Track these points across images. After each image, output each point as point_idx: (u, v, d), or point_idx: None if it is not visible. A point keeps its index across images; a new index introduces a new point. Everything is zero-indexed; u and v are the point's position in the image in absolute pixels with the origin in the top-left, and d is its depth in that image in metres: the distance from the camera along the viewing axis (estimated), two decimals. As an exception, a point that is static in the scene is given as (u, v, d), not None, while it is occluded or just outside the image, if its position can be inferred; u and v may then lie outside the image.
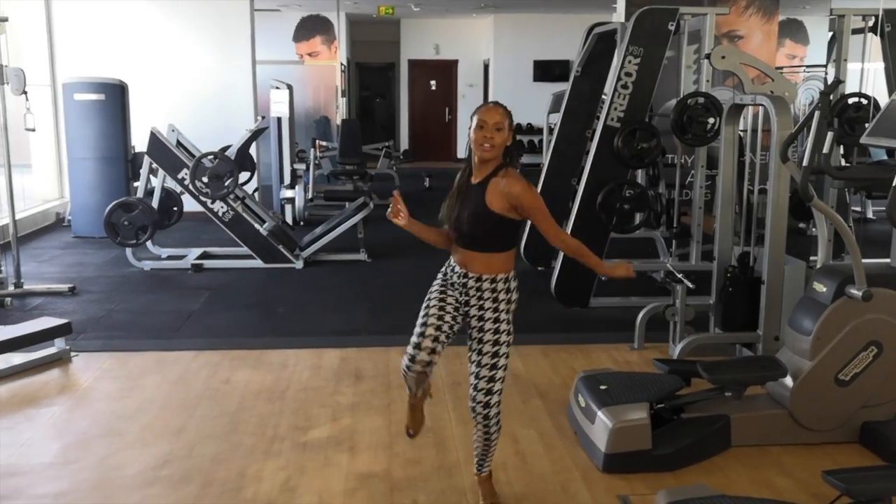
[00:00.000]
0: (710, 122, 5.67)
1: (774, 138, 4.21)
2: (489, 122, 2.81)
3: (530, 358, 4.86)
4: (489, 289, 2.90)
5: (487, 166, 2.86)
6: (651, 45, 5.67)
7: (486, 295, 2.90)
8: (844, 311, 3.58)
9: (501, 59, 15.74)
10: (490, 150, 2.82)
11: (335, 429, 3.87)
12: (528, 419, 4.00)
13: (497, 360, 2.92)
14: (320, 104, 13.75)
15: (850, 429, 3.69)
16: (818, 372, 3.61)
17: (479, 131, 2.82)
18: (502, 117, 2.83)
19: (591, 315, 5.85)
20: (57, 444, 3.72)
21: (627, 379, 3.80)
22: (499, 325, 2.91)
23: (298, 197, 9.30)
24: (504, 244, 2.91)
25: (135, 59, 9.64)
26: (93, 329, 5.42)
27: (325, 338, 5.26)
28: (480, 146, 2.82)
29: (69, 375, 4.61)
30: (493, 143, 2.80)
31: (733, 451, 3.63)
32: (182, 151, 7.31)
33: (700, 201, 6.02)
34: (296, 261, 7.30)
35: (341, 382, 4.47)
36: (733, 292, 4.65)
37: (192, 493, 3.26)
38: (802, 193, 3.46)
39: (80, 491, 3.28)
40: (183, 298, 6.25)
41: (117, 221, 6.99)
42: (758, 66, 4.86)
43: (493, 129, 2.81)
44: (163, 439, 3.75)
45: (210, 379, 4.51)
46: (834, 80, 4.72)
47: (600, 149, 5.78)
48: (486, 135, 2.81)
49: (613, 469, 3.43)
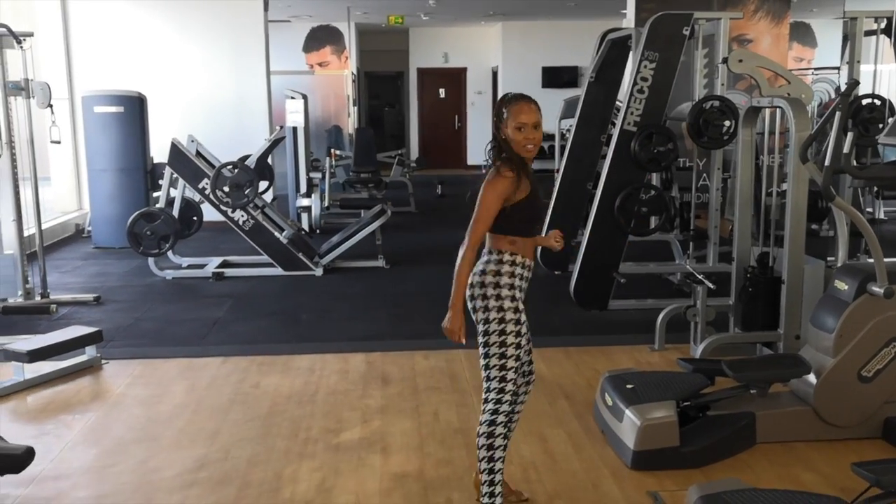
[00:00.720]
0: (726, 125, 5.73)
1: (793, 140, 4.28)
2: (529, 122, 2.77)
3: (553, 360, 4.93)
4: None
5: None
6: (666, 50, 5.74)
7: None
8: (866, 309, 3.64)
9: (510, 66, 15.84)
10: (535, 150, 2.80)
11: (366, 431, 3.95)
12: (556, 420, 4.07)
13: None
14: (331, 114, 13.87)
15: (874, 424, 3.75)
16: (841, 369, 3.67)
17: (520, 133, 2.77)
18: (538, 115, 2.80)
19: (610, 318, 5.92)
20: (95, 448, 3.80)
21: (653, 378, 3.87)
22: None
23: (315, 205, 9.40)
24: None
25: (151, 71, 9.77)
26: (121, 337, 5.51)
27: (349, 343, 5.33)
28: (524, 148, 2.78)
29: (101, 382, 4.70)
30: (536, 142, 2.78)
31: (759, 448, 3.69)
32: (202, 161, 7.41)
33: (716, 203, 6.09)
34: (315, 268, 7.39)
35: (369, 386, 4.55)
36: (753, 292, 4.72)
37: (231, 495, 3.33)
38: (825, 193, 3.53)
39: (122, 493, 3.36)
40: (207, 306, 6.34)
41: (140, 231, 7.10)
42: (774, 69, 4.94)
43: (532, 128, 2.78)
44: (198, 443, 3.83)
45: (240, 384, 4.60)
46: (852, 81, 4.79)
47: (617, 153, 5.86)
48: (529, 136, 2.77)
49: (642, 466, 3.49)
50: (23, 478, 3.37)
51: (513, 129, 2.78)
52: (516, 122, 2.77)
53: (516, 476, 3.44)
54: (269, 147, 7.83)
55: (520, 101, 2.81)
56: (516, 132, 2.78)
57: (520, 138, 2.78)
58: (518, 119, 2.77)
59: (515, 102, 2.81)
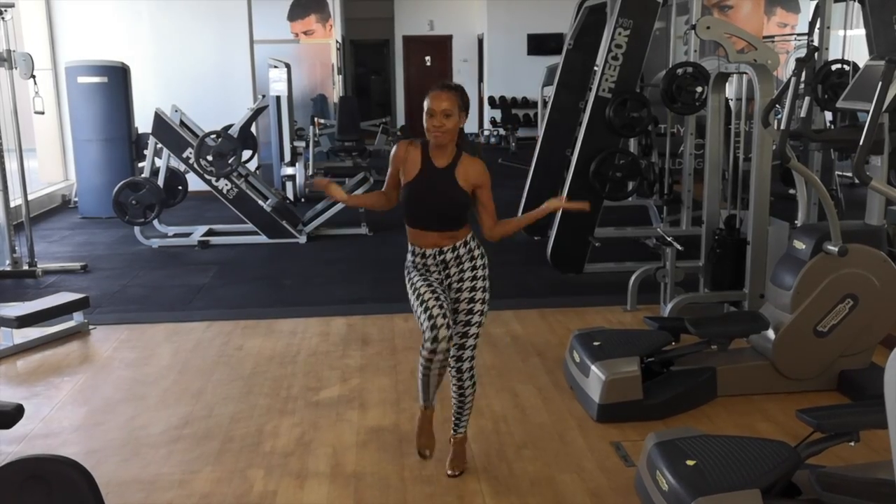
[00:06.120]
0: (699, 90, 5.86)
1: (757, 105, 4.41)
2: (437, 109, 2.90)
3: (528, 321, 5.09)
4: (465, 251, 3.06)
5: (446, 150, 2.99)
6: (640, 18, 5.83)
7: (464, 258, 3.06)
8: (822, 267, 3.80)
9: (495, 33, 15.83)
10: (442, 137, 2.93)
11: (345, 388, 4.11)
12: (527, 376, 4.24)
13: (471, 318, 3.08)
14: (317, 82, 13.88)
15: (829, 377, 3.94)
16: (798, 324, 3.84)
17: (430, 119, 2.92)
18: (450, 104, 2.91)
19: (586, 280, 6.08)
20: (84, 408, 3.96)
21: (619, 335, 4.04)
22: (476, 283, 3.08)
23: (299, 174, 9.49)
24: (467, 217, 3.07)
25: (134, 41, 9.78)
26: (108, 303, 5.64)
27: (331, 307, 5.48)
28: (432, 134, 2.94)
29: (89, 347, 4.84)
30: (443, 129, 2.91)
31: (720, 401, 3.87)
32: (186, 131, 7.49)
33: (690, 168, 6.22)
34: (299, 236, 7.51)
35: (349, 347, 4.71)
36: (721, 254, 4.87)
37: (215, 448, 3.49)
38: (780, 155, 3.67)
39: (110, 448, 3.52)
40: (192, 273, 6.47)
41: (125, 201, 7.20)
42: (742, 35, 5.05)
43: (442, 116, 2.91)
44: (183, 402, 3.99)
45: (224, 346, 4.75)
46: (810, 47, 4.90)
47: (592, 119, 5.98)
48: (436, 123, 2.91)
49: (607, 418, 3.67)
50: (14, 436, 3.54)
51: (425, 115, 2.95)
52: (427, 107, 2.94)
53: (487, 428, 3.62)
54: (251, 116, 7.90)
55: (437, 89, 2.96)
56: (427, 118, 2.94)
57: (428, 124, 2.94)
58: (428, 105, 2.93)
59: (433, 90, 2.96)
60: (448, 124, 2.92)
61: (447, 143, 2.98)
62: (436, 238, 3.05)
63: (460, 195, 3.00)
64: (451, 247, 3.05)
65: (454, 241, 3.05)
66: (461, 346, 3.09)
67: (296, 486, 3.17)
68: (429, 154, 3.02)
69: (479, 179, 3.01)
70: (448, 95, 2.93)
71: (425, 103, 2.94)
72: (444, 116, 2.91)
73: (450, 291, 3.09)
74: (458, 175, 2.99)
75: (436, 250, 3.06)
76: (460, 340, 3.08)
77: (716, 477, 2.64)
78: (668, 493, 2.69)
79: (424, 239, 3.07)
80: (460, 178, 2.99)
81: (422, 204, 3.03)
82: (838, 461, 3.08)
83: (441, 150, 3.00)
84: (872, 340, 3.92)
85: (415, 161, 3.02)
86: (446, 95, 2.92)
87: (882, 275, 3.80)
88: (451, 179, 2.99)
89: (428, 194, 3.01)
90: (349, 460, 3.36)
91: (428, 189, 3.01)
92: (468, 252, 3.07)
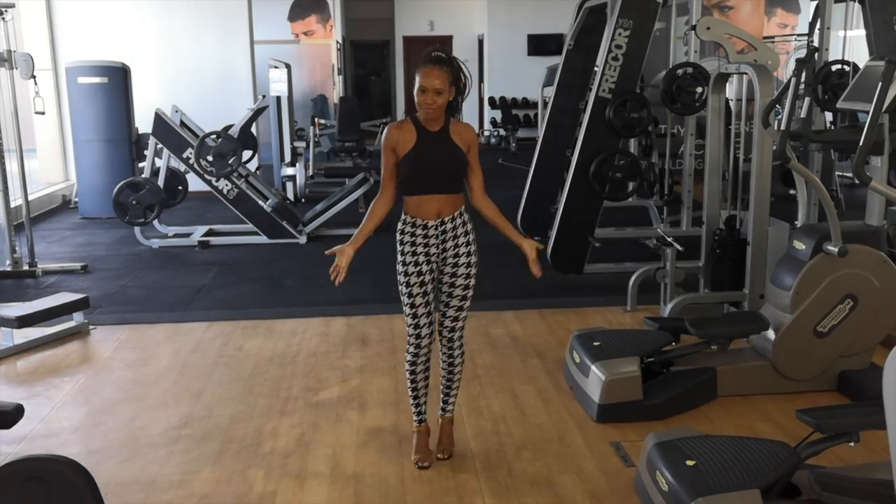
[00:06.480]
0: (699, 91, 5.86)
1: (757, 106, 4.41)
2: (429, 87, 2.98)
3: (528, 321, 5.09)
4: (461, 224, 3.17)
5: (438, 119, 3.08)
6: (640, 18, 5.83)
7: (459, 231, 3.16)
8: (822, 267, 3.79)
9: (496, 34, 15.84)
10: (433, 112, 3.03)
11: (345, 389, 4.11)
12: (527, 377, 4.23)
13: (468, 292, 3.21)
14: (317, 83, 13.89)
15: (829, 377, 3.94)
16: (798, 324, 3.84)
17: (422, 95, 3.00)
18: (441, 82, 2.98)
19: (587, 281, 6.08)
20: (84, 408, 3.96)
21: (619, 336, 4.03)
22: (470, 259, 3.19)
23: (299, 174, 9.50)
24: (463, 183, 3.19)
25: (134, 42, 9.79)
26: (108, 304, 5.64)
27: (331, 307, 5.48)
28: (424, 109, 3.03)
29: (89, 347, 4.84)
30: (434, 106, 3.01)
31: (720, 401, 3.87)
32: (186, 131, 7.50)
33: (690, 169, 6.22)
34: (299, 236, 7.51)
35: (349, 347, 4.71)
36: (721, 254, 4.87)
37: (215, 449, 3.49)
38: (781, 156, 3.67)
39: (110, 448, 3.52)
40: (192, 274, 6.48)
41: (125, 201, 7.20)
42: (741, 36, 5.05)
43: (434, 94, 2.99)
44: (183, 402, 3.99)
45: (224, 347, 4.75)
46: (810, 48, 4.90)
47: (592, 120, 5.97)
48: (428, 100, 3.00)
49: (607, 419, 3.67)
50: (14, 436, 3.54)
51: (416, 91, 3.03)
52: (418, 83, 3.01)
53: (487, 429, 3.62)
54: (251, 116, 7.91)
55: (429, 65, 3.00)
56: (419, 94, 3.01)
57: (420, 100, 3.02)
58: (421, 83, 3.00)
59: (424, 65, 3.01)
60: (439, 101, 3.01)
61: (437, 117, 3.08)
62: (439, 203, 3.11)
63: (460, 153, 3.12)
64: (451, 216, 3.14)
65: (454, 210, 3.14)
66: (455, 318, 3.23)
67: (295, 487, 3.17)
68: (421, 123, 3.11)
69: (472, 139, 3.16)
70: (439, 73, 2.99)
71: (417, 77, 3.01)
72: (436, 94, 2.99)
73: (445, 266, 3.18)
74: (453, 135, 3.12)
75: (437, 221, 3.13)
76: (455, 314, 3.22)
77: (715, 477, 2.64)
78: (668, 494, 2.69)
79: (429, 206, 3.12)
80: (456, 138, 3.12)
81: (427, 166, 3.09)
82: (838, 462, 3.08)
83: (433, 120, 3.09)
84: (872, 341, 3.92)
85: (409, 134, 3.10)
86: (437, 73, 2.98)
87: (882, 275, 3.79)
88: (448, 139, 3.11)
89: (431, 156, 3.09)
90: (349, 461, 3.36)
91: (430, 151, 3.09)
92: (462, 225, 3.17)
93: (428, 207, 3.12)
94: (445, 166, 3.10)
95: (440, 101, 3.00)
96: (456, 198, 3.15)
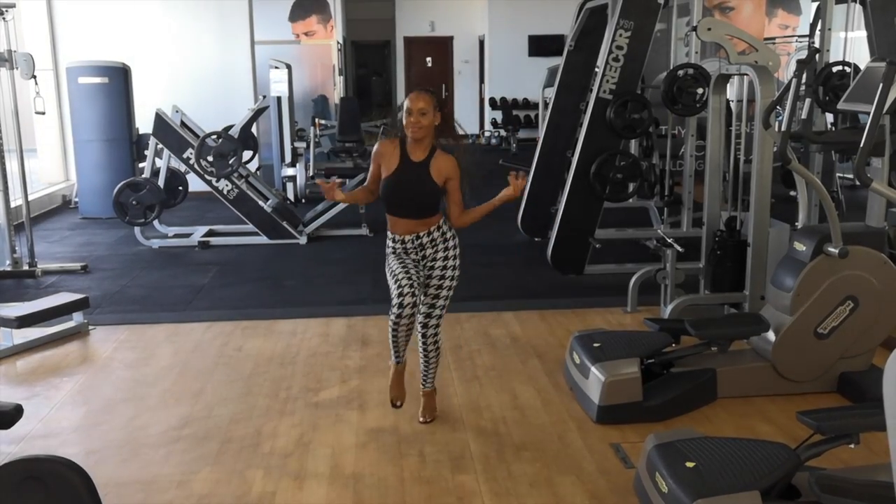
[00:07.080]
0: (700, 92, 5.86)
1: (758, 107, 4.40)
2: (414, 108, 3.33)
3: (528, 322, 5.09)
4: (439, 235, 3.49)
5: (422, 144, 3.38)
6: (641, 19, 5.83)
7: (438, 241, 3.49)
8: (822, 268, 3.79)
9: (497, 34, 15.83)
10: (419, 132, 3.34)
11: (345, 389, 4.11)
12: (527, 378, 4.23)
13: (441, 291, 3.50)
14: (317, 83, 13.88)
15: (829, 379, 3.93)
16: (798, 326, 3.84)
17: (409, 117, 3.33)
18: (426, 103, 3.34)
19: (587, 281, 6.08)
20: (83, 408, 3.96)
21: (619, 337, 4.03)
22: (447, 262, 3.51)
23: (299, 175, 9.50)
24: (439, 205, 3.49)
25: (135, 42, 9.78)
26: (108, 304, 5.64)
27: (331, 307, 5.48)
28: (410, 129, 3.34)
29: (89, 347, 4.83)
30: (420, 125, 3.33)
31: (720, 402, 3.86)
32: (186, 132, 7.49)
33: (691, 170, 6.22)
34: (299, 236, 7.51)
35: (349, 348, 4.70)
36: (721, 255, 4.87)
37: (214, 449, 3.49)
38: (781, 157, 3.67)
39: (110, 448, 3.51)
40: (192, 274, 6.47)
41: (126, 201, 7.20)
42: (742, 37, 5.04)
43: (419, 114, 3.33)
44: (183, 402, 3.98)
45: (224, 347, 4.74)
46: (811, 49, 4.90)
47: (593, 120, 5.97)
48: (412, 120, 3.33)
49: (607, 420, 3.66)
50: (13, 437, 3.53)
51: (403, 114, 3.37)
52: (406, 107, 3.36)
53: (487, 429, 3.62)
54: (252, 117, 7.90)
55: (415, 92, 3.38)
56: (406, 116, 3.35)
57: (407, 122, 3.35)
58: (407, 106, 3.36)
59: (411, 94, 3.39)
60: (424, 121, 3.34)
61: (423, 138, 3.37)
62: (412, 225, 3.46)
63: (434, 187, 3.40)
64: (426, 232, 3.47)
65: (428, 227, 3.47)
66: (428, 315, 3.51)
67: (295, 487, 3.16)
68: (406, 150, 3.42)
69: (451, 173, 3.41)
70: (424, 97, 3.35)
71: (404, 104, 3.36)
72: (421, 114, 3.33)
73: (424, 269, 3.50)
74: (431, 168, 3.40)
75: (413, 236, 3.47)
76: (428, 309, 3.51)
77: (715, 479, 2.64)
78: (668, 495, 2.68)
79: (402, 226, 3.48)
80: (434, 172, 3.40)
81: (400, 194, 3.43)
82: (838, 463, 3.08)
83: (418, 145, 3.40)
84: (873, 342, 3.92)
85: (394, 157, 3.44)
86: (422, 97, 3.35)
87: (882, 277, 3.79)
88: (426, 172, 3.39)
89: (405, 185, 3.41)
90: (348, 461, 3.36)
91: (405, 181, 3.41)
92: (441, 235, 3.49)
93: (402, 226, 3.48)
94: (416, 198, 3.42)
95: (425, 121, 3.33)
96: (430, 220, 3.46)
